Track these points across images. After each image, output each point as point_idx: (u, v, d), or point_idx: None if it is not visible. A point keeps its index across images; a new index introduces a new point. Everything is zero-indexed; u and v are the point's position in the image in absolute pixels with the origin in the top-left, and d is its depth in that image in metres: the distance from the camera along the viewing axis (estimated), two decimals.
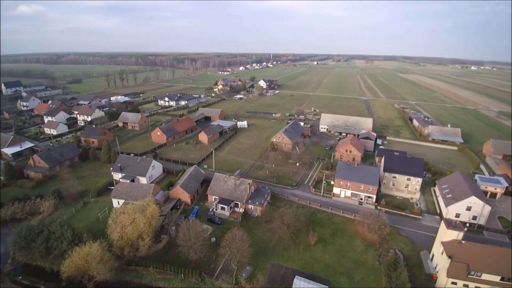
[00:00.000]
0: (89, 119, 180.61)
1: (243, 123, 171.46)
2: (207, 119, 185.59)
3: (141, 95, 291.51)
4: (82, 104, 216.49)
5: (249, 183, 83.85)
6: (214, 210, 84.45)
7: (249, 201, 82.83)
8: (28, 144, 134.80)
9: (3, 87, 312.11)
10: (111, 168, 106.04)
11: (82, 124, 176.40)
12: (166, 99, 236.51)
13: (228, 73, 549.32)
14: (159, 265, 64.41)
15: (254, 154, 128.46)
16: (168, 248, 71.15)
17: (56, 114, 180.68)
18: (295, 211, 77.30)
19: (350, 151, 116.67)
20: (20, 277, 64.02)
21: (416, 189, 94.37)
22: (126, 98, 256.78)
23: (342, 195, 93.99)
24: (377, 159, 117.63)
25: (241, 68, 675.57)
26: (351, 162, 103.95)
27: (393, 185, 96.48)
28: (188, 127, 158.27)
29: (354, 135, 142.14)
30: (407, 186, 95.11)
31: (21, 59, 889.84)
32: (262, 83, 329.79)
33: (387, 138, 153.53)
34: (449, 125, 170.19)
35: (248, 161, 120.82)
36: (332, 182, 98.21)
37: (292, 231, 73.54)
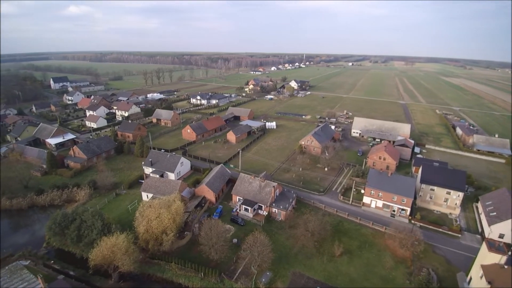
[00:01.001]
0: (126, 114, 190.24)
1: (271, 124, 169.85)
2: (236, 118, 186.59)
3: (175, 93, 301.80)
4: (121, 100, 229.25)
5: (274, 186, 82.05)
6: (238, 210, 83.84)
7: (273, 204, 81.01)
8: (70, 136, 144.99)
9: (51, 82, 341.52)
10: (143, 163, 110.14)
11: (120, 119, 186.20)
12: (198, 97, 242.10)
13: (260, 73, 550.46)
14: (181, 261, 65.17)
15: (281, 156, 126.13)
16: (190, 245, 71.74)
17: (97, 109, 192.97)
18: (320, 218, 74.03)
19: (384, 159, 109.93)
20: (52, 261, 68.06)
21: (456, 204, 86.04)
22: (161, 96, 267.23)
23: (373, 205, 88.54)
24: (413, 168, 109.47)
25: (273, 68, 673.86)
26: (385, 171, 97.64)
27: (431, 198, 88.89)
28: (217, 126, 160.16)
29: (389, 141, 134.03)
30: (446, 200, 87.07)
31: (69, 56, 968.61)
32: (293, 84, 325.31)
33: (426, 146, 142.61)
34: (496, 135, 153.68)
35: (274, 163, 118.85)
36: (363, 191, 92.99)
37: (316, 239, 70.41)
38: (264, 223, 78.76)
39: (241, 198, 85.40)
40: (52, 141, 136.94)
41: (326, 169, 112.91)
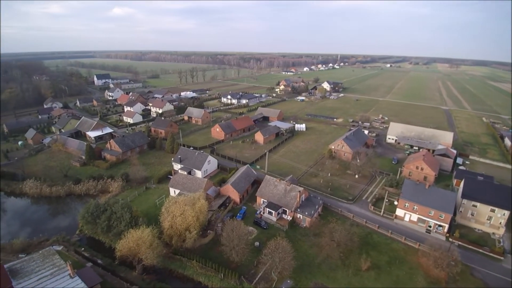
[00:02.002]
0: (160, 111, 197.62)
1: (301, 126, 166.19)
2: (265, 119, 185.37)
3: (207, 92, 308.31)
4: (156, 98, 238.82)
5: (299, 191, 79.45)
6: (262, 213, 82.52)
7: (298, 209, 78.44)
8: (108, 130, 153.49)
9: (95, 78, 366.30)
10: (172, 159, 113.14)
11: (154, 116, 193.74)
12: (229, 97, 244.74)
13: (292, 73, 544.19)
14: (202, 260, 65.40)
15: (309, 160, 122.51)
16: (212, 244, 71.83)
17: (134, 105, 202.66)
18: (348, 228, 70.25)
19: (422, 169, 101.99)
20: (83, 249, 71.77)
21: (500, 223, 76.97)
22: (194, 94, 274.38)
23: (407, 218, 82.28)
24: (454, 181, 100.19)
25: (305, 69, 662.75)
26: (422, 182, 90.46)
27: (472, 215, 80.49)
28: (246, 126, 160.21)
29: (429, 150, 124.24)
30: (490, 219, 78.29)
31: (112, 55, 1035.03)
32: (325, 85, 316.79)
33: (470, 157, 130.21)
34: None
35: (302, 167, 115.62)
36: (396, 202, 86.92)
37: (342, 250, 66.79)
38: (287, 228, 76.59)
39: (266, 200, 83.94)
40: (92, 134, 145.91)
41: (356, 176, 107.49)
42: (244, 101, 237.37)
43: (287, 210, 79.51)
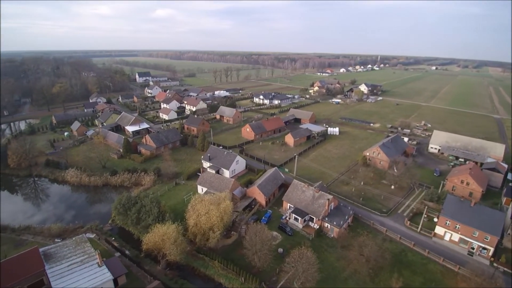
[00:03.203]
0: (194, 109, 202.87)
1: (334, 130, 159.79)
2: (297, 121, 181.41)
3: (240, 91, 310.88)
4: (191, 96, 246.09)
5: (329, 199, 75.57)
6: (287, 218, 79.98)
7: (326, 218, 74.57)
8: (145, 125, 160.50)
9: (137, 76, 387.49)
10: (202, 157, 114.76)
11: (188, 113, 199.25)
12: (261, 97, 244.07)
13: (327, 74, 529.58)
14: (224, 261, 64.77)
15: (341, 166, 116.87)
16: (235, 246, 70.96)
17: (170, 102, 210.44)
18: (380, 243, 65.31)
19: (468, 184, 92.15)
20: (113, 238, 74.86)
21: None
22: (227, 93, 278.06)
23: (447, 237, 74.50)
24: (504, 199, 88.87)
25: (342, 70, 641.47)
26: (467, 199, 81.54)
27: None
28: (277, 127, 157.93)
29: (476, 163, 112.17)
30: None
31: (154, 54, 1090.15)
32: (363, 88, 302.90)
33: None
34: None
35: (332, 173, 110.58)
36: (436, 219, 79.18)
37: (371, 266, 62.00)
38: (313, 237, 73.20)
39: (292, 206, 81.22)
40: (130, 129, 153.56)
41: (392, 187, 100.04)
42: (276, 102, 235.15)
43: (314, 218, 76.05)
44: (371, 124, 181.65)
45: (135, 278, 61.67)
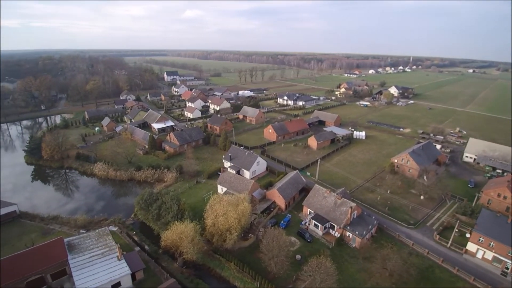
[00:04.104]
0: (217, 108, 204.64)
1: (360, 134, 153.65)
2: (321, 123, 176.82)
3: (264, 91, 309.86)
4: (215, 95, 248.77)
5: (351, 207, 72.05)
6: (307, 224, 77.42)
7: (348, 227, 71.14)
8: (170, 123, 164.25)
9: (165, 75, 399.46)
10: (223, 156, 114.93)
11: (212, 112, 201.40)
12: (285, 97, 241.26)
13: (355, 75, 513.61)
14: (240, 263, 63.88)
15: (366, 173, 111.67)
16: (252, 248, 69.84)
17: (195, 101, 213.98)
18: (405, 257, 60.92)
19: (505, 197, 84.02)
20: (134, 233, 76.55)
21: None
22: (251, 93, 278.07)
23: (479, 255, 68.24)
24: None
25: (371, 71, 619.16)
26: (503, 214, 74.32)
27: None
28: (300, 129, 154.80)
29: None
30: None
31: (182, 53, 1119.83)
32: (392, 90, 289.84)
33: None
34: None
35: (357, 180, 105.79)
36: (468, 235, 73.06)
37: (395, 281, 58.10)
38: (334, 246, 70.14)
39: (313, 212, 78.54)
40: (156, 126, 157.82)
41: (422, 197, 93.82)
42: (300, 103, 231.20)
43: (335, 226, 72.88)
44: (401, 129, 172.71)
45: (152, 274, 62.46)
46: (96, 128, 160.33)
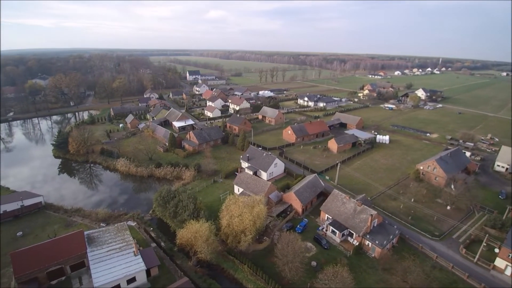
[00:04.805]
0: (237, 108, 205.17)
1: (384, 138, 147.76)
2: (342, 125, 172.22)
3: (284, 92, 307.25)
4: (235, 95, 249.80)
5: (372, 215, 68.98)
6: (325, 230, 75.08)
7: (368, 236, 68.18)
8: (190, 122, 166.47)
9: (187, 74, 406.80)
10: (241, 156, 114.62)
11: (231, 112, 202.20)
12: (306, 98, 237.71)
13: (380, 77, 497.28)
14: (254, 267, 62.98)
15: (389, 179, 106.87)
16: (266, 252, 68.70)
17: (215, 101, 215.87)
18: (428, 271, 57.55)
19: None
20: (152, 229, 77.84)
21: None
22: (271, 94, 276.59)
23: (508, 272, 62.78)
24: None
25: (396, 72, 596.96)
26: None
27: None
28: (320, 131, 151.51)
29: None
30: None
31: (204, 53, 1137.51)
32: (420, 93, 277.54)
33: None
34: None
35: (378, 186, 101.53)
36: (497, 250, 67.70)
37: None
38: (352, 254, 67.48)
39: (330, 217, 76.15)
40: (177, 124, 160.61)
41: (448, 207, 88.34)
42: (321, 104, 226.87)
43: (354, 234, 70.10)
44: (428, 134, 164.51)
45: (166, 271, 63.03)
46: (120, 125, 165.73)
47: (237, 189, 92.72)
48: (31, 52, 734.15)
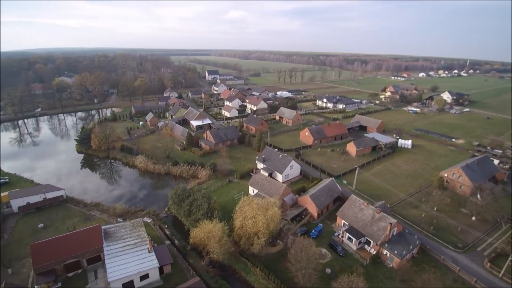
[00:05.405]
0: (254, 108, 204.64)
1: (406, 142, 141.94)
2: (362, 128, 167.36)
3: (303, 92, 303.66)
4: (253, 95, 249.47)
5: (391, 223, 66.05)
6: (341, 237, 72.72)
7: (386, 245, 65.28)
8: (207, 121, 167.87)
9: (206, 73, 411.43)
10: (257, 157, 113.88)
11: (248, 112, 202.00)
12: (325, 100, 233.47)
13: (403, 79, 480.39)
14: (266, 270, 61.99)
15: (410, 186, 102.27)
16: (279, 256, 67.47)
17: (233, 100, 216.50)
18: (449, 284, 54.41)
19: None
20: (166, 226, 78.69)
21: None
22: (289, 94, 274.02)
23: None
24: None
25: (421, 74, 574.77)
26: None
27: None
28: (338, 134, 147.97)
29: None
30: None
31: (224, 53, 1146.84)
32: (445, 96, 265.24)
33: None
34: None
35: (399, 193, 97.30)
36: None
37: None
38: (368, 263, 64.91)
39: (347, 224, 73.73)
40: (194, 123, 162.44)
41: (473, 218, 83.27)
42: (340, 106, 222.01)
43: (372, 242, 67.45)
44: (453, 140, 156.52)
45: (179, 270, 63.33)
46: (141, 123, 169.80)
47: (252, 190, 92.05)
48: (59, 51, 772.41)
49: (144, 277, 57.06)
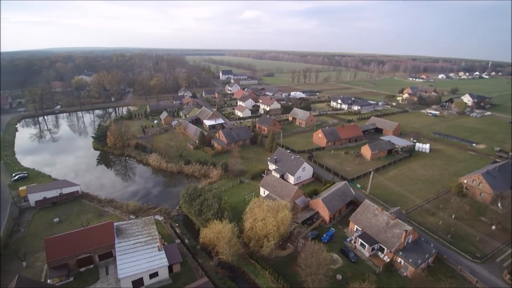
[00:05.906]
0: (267, 109, 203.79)
1: (423, 146, 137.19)
2: (378, 131, 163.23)
3: (317, 93, 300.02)
4: (266, 95, 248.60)
5: (406, 230, 63.70)
6: (354, 243, 70.83)
7: (401, 252, 62.98)
8: (220, 121, 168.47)
9: (220, 73, 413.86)
10: (269, 158, 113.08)
11: (261, 112, 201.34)
12: (339, 101, 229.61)
13: (421, 80, 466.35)
14: (275, 274, 61.16)
15: (427, 192, 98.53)
16: (289, 260, 66.41)
17: (246, 101, 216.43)
18: None
19: None
20: (177, 225, 79.30)
21: None
22: (303, 95, 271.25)
23: None
24: None
25: (440, 76, 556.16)
26: None
27: None
28: (352, 136, 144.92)
29: None
30: None
31: (238, 53, 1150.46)
32: (466, 99, 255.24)
33: None
34: None
35: (415, 199, 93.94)
36: None
37: None
38: (381, 271, 62.82)
39: (360, 229, 71.75)
40: (207, 123, 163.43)
41: (493, 227, 79.20)
42: (355, 108, 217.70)
43: (385, 249, 65.32)
44: (474, 144, 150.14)
45: (188, 269, 63.51)
46: (155, 121, 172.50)
47: (263, 191, 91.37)
48: (79, 50, 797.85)
49: (154, 275, 57.49)
